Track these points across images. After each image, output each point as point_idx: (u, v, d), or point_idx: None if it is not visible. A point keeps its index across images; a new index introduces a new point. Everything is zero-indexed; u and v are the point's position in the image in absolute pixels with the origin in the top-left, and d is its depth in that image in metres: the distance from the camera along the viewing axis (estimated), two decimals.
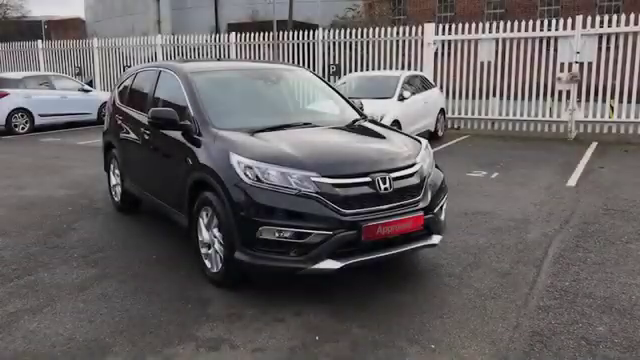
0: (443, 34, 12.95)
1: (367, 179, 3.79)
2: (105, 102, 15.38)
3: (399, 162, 4.04)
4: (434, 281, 4.24)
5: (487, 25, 12.48)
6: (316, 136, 4.45)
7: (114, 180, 6.35)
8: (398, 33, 13.56)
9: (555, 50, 11.90)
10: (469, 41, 12.73)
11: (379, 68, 13.67)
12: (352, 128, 4.83)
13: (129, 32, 26.89)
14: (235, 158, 3.84)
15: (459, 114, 13.20)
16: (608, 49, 11.51)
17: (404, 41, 13.50)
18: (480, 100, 12.98)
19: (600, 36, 11.49)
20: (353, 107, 5.29)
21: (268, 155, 3.85)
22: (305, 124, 4.61)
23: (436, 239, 4.13)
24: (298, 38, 14.86)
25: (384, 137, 4.56)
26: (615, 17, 11.31)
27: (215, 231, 4.05)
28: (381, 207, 3.77)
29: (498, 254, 4.81)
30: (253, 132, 4.28)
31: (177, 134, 4.58)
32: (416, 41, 13.35)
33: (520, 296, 3.95)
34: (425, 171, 4.17)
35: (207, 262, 4.23)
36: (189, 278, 4.32)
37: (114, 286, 4.20)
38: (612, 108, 11.82)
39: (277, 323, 3.56)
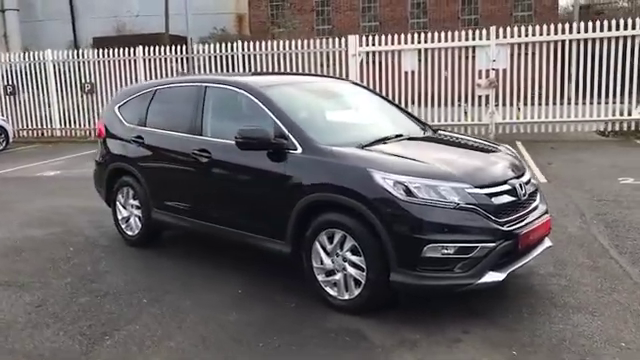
0: (367, 45, 13.32)
1: (508, 187, 3.79)
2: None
3: (519, 169, 4.10)
4: (544, 281, 4.33)
5: (409, 36, 13.07)
6: (428, 148, 4.35)
7: (125, 212, 5.60)
8: (321, 45, 13.67)
9: (473, 58, 12.82)
10: (392, 52, 13.24)
11: None
12: (443, 139, 4.79)
13: None
14: (379, 175, 3.61)
15: None
16: (519, 56, 12.67)
17: (327, 53, 13.65)
18: (406, 108, 13.51)
19: (512, 45, 12.61)
20: (413, 117, 5.25)
21: (412, 169, 3.69)
22: (397, 136, 4.47)
23: (549, 242, 4.24)
24: (215, 51, 14.32)
25: (482, 146, 4.59)
26: (523, 28, 12.49)
27: (348, 255, 3.78)
28: (523, 213, 3.80)
29: (566, 249, 5.04)
30: (362, 146, 4.07)
31: (260, 155, 4.19)
32: (340, 52, 13.57)
33: (634, 288, 4.17)
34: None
35: (330, 290, 3.93)
36: (306, 309, 3.97)
37: (233, 328, 3.74)
38: (519, 109, 13.00)
39: (458, 343, 3.42)
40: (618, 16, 13.35)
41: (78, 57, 15.35)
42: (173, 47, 14.68)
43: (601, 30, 12.09)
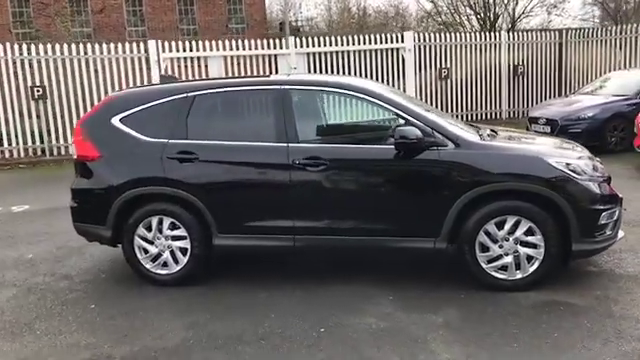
0: (170, 51, 12.62)
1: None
2: None
3: None
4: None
5: (214, 43, 12.90)
6: (527, 139, 4.93)
7: (153, 248, 4.52)
8: (117, 50, 12.33)
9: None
10: (199, 58, 12.86)
11: (102, 89, 12.16)
12: (512, 131, 5.44)
13: None
14: (552, 160, 4.12)
15: None
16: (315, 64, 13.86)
17: (128, 59, 12.42)
18: None
19: (308, 54, 13.70)
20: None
21: (566, 154, 4.34)
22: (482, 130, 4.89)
23: None
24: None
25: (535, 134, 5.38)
26: (316, 39, 13.72)
27: (522, 237, 4.11)
28: None
29: None
30: (491, 139, 4.48)
31: (398, 155, 4.16)
32: (139, 58, 12.50)
33: None
34: None
35: (496, 274, 4.22)
36: (479, 295, 4.14)
37: (466, 330, 3.72)
38: None
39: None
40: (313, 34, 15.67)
41: None
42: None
43: (381, 42, 14.06)
